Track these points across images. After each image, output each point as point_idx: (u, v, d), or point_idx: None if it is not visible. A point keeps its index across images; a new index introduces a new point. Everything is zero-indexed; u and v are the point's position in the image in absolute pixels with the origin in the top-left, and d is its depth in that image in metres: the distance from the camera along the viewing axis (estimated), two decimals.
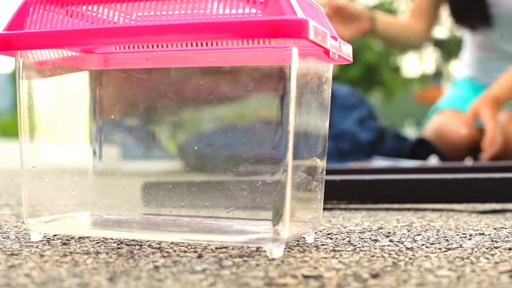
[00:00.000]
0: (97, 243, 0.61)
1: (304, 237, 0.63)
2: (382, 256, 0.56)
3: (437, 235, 0.69)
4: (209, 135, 0.69)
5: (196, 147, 0.67)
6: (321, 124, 0.63)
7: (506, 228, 0.74)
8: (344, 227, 0.75)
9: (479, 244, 0.63)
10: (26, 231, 0.70)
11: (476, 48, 1.86)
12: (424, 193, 0.98)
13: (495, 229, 0.74)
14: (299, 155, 0.57)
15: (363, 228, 0.74)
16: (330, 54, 0.57)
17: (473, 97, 1.78)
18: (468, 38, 1.89)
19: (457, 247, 0.61)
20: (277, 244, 0.54)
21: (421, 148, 1.80)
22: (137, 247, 0.59)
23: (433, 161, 1.72)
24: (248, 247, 0.58)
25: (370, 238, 0.66)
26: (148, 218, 0.68)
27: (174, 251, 0.57)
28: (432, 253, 0.58)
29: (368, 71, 12.19)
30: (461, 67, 1.99)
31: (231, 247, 0.59)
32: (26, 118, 0.62)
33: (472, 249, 0.60)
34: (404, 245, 0.62)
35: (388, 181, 1.00)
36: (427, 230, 0.73)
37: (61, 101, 0.69)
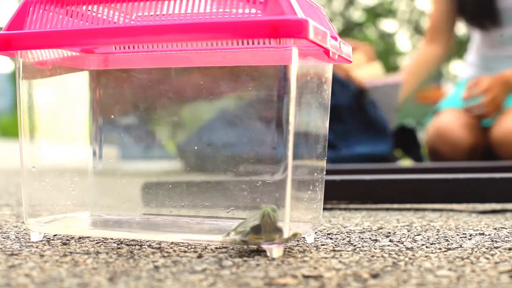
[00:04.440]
0: (97, 243, 0.61)
1: (304, 237, 0.63)
2: (382, 256, 0.56)
3: (437, 235, 0.69)
4: (209, 135, 0.69)
5: (195, 147, 0.67)
6: (321, 124, 0.63)
7: (506, 228, 0.74)
8: (344, 227, 0.75)
9: (479, 244, 0.63)
10: (26, 231, 0.70)
11: (484, 47, 1.86)
12: (424, 193, 0.98)
13: (495, 229, 0.74)
14: (299, 155, 0.57)
15: (363, 228, 0.74)
16: (330, 54, 0.57)
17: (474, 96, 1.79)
18: (476, 37, 1.89)
19: (457, 247, 0.61)
20: (277, 244, 0.54)
21: (402, 136, 1.84)
22: (137, 247, 0.59)
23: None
24: (248, 247, 0.58)
25: (370, 238, 0.66)
26: (148, 218, 0.68)
27: (174, 251, 0.57)
28: (432, 253, 0.58)
29: None
30: (465, 67, 1.99)
31: (231, 247, 0.59)
32: (26, 118, 0.62)
33: (472, 249, 0.60)
34: (404, 245, 0.62)
35: (388, 181, 1.00)
36: (427, 230, 0.73)
37: (61, 101, 0.69)
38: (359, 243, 0.63)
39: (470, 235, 0.68)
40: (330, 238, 0.66)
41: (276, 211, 0.55)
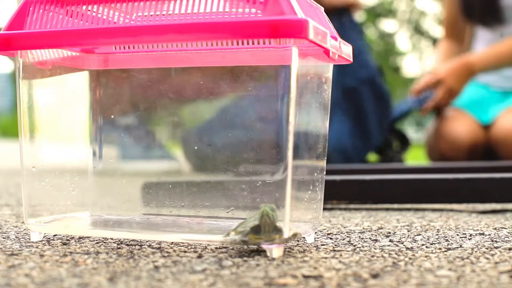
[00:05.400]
0: (97, 243, 0.61)
1: (304, 237, 0.63)
2: (382, 256, 0.56)
3: (437, 235, 0.69)
4: (209, 135, 0.69)
5: (195, 147, 0.67)
6: (321, 124, 0.63)
7: (506, 228, 0.74)
8: (344, 227, 0.75)
9: (479, 244, 0.63)
10: (26, 231, 0.70)
11: (483, 47, 1.86)
12: (424, 193, 0.98)
13: (495, 229, 0.74)
14: (299, 155, 0.57)
15: (363, 228, 0.74)
16: (330, 54, 0.57)
17: (475, 95, 1.79)
18: (479, 37, 1.89)
19: (457, 247, 0.61)
20: (277, 244, 0.54)
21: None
22: (137, 247, 0.59)
23: None
24: (248, 247, 0.58)
25: (370, 238, 0.66)
26: (148, 218, 0.68)
27: (174, 251, 0.57)
28: (432, 253, 0.58)
29: None
30: None
31: (231, 247, 0.59)
32: (26, 118, 0.62)
33: (472, 249, 0.60)
34: (404, 245, 0.62)
35: (388, 181, 1.00)
36: (427, 230, 0.73)
37: (61, 101, 0.69)
38: (359, 243, 0.63)
39: (470, 235, 0.68)
40: (330, 238, 0.66)
41: (275, 210, 0.55)
